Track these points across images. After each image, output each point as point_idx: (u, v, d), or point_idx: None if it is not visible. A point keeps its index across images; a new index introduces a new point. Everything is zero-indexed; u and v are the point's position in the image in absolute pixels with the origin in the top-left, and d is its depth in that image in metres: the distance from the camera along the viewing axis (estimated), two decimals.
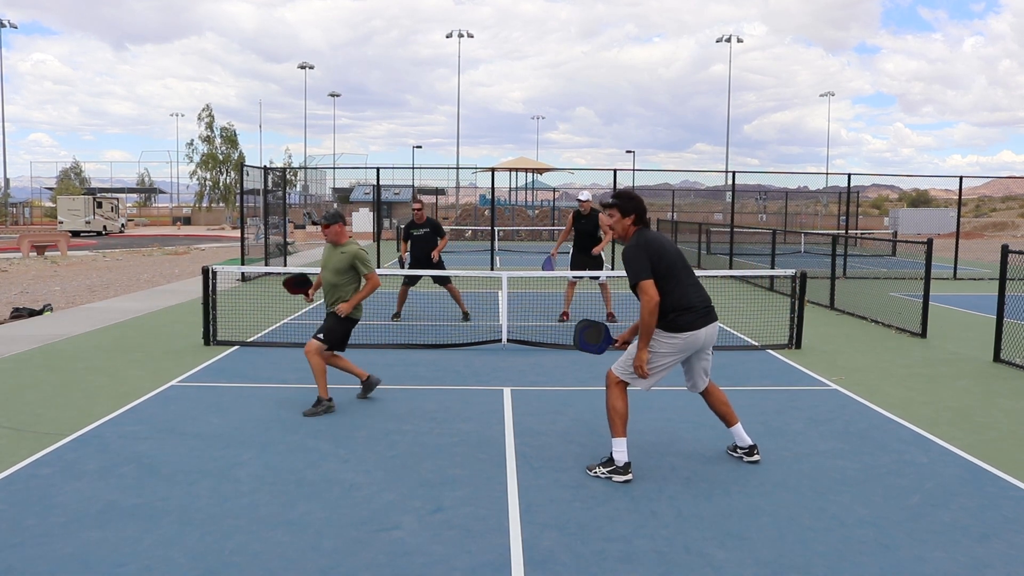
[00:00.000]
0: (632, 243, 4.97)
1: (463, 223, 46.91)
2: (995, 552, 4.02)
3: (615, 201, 5.11)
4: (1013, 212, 72.63)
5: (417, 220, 11.35)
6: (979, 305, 13.88)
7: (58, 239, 28.48)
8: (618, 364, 5.12)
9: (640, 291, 4.86)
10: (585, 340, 5.48)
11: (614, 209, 5.10)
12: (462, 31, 66.34)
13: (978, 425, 6.36)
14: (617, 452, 5.00)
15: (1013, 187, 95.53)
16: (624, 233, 5.11)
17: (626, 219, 5.10)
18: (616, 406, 5.05)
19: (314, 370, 6.58)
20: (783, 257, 22.82)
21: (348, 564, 3.83)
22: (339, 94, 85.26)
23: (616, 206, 5.11)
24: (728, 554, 3.97)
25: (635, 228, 5.12)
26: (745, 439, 5.40)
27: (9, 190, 68.48)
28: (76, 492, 4.71)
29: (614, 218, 5.09)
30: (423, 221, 11.34)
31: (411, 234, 11.33)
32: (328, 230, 6.77)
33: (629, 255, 4.94)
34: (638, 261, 4.90)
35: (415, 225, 11.35)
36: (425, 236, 11.26)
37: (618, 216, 5.10)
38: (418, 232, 11.29)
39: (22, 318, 11.72)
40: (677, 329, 5.00)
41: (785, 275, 10.66)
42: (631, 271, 4.92)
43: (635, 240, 5.00)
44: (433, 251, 11.24)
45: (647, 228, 5.16)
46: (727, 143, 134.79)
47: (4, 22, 61.85)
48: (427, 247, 11.24)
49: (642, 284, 4.84)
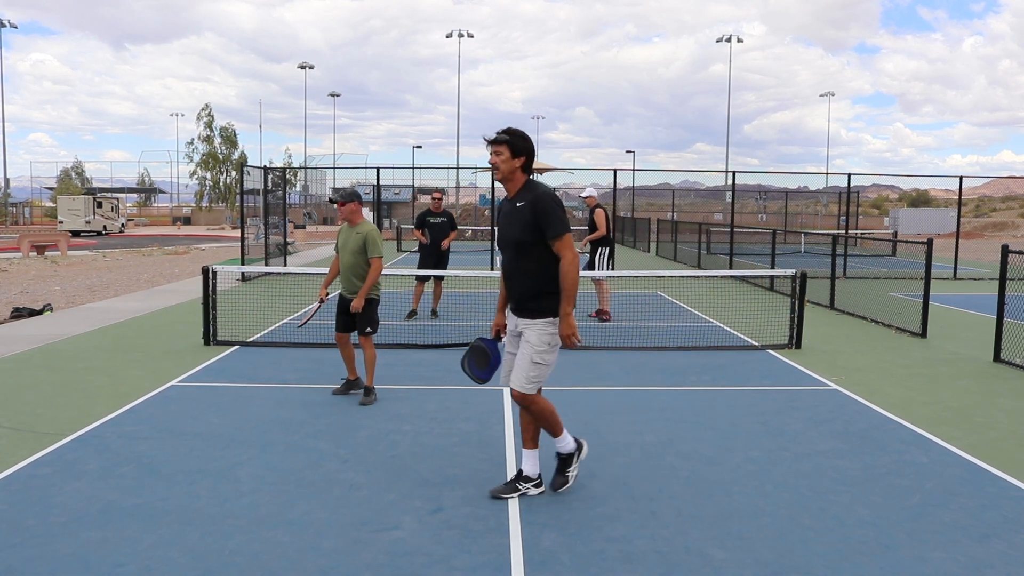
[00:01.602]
0: (544, 192, 4.42)
1: (463, 223, 46.92)
2: (995, 552, 4.02)
3: (506, 137, 4.41)
4: (1013, 212, 72.62)
5: (434, 209, 11.84)
6: (979, 305, 13.88)
7: (58, 239, 28.48)
8: (519, 378, 4.46)
9: (564, 246, 4.32)
10: (476, 366, 4.87)
11: (503, 146, 4.40)
12: (462, 31, 66.39)
13: (978, 425, 6.36)
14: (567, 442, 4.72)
15: (1013, 187, 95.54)
16: (509, 175, 4.45)
17: (515, 160, 4.44)
18: (544, 409, 4.58)
19: (368, 361, 6.84)
20: (783, 257, 22.82)
21: (348, 564, 3.83)
22: (339, 94, 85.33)
23: (507, 143, 4.41)
24: (728, 554, 3.97)
25: (524, 176, 4.50)
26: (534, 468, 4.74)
27: (9, 190, 68.46)
28: (76, 492, 4.71)
29: (502, 156, 4.39)
30: (440, 211, 11.84)
31: (428, 222, 11.79)
32: (344, 208, 6.83)
33: (550, 204, 4.35)
34: (562, 210, 4.39)
35: (432, 214, 11.83)
36: (441, 225, 11.78)
37: (507, 155, 4.41)
38: (435, 220, 11.79)
39: (22, 318, 11.72)
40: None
41: (785, 275, 10.66)
42: (558, 221, 4.34)
43: (542, 189, 4.46)
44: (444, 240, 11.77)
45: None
46: (727, 143, 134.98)
47: (4, 22, 61.86)
48: (441, 235, 11.78)
49: (567, 238, 4.34)
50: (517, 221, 4.41)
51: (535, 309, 4.44)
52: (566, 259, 4.32)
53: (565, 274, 4.31)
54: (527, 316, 4.47)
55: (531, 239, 4.37)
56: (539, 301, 4.43)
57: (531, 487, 4.69)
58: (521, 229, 4.38)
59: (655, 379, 7.97)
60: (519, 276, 4.48)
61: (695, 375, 8.12)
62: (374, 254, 6.69)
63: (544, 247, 4.37)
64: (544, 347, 4.42)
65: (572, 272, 4.31)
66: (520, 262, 4.46)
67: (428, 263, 11.63)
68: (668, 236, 27.81)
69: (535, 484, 4.70)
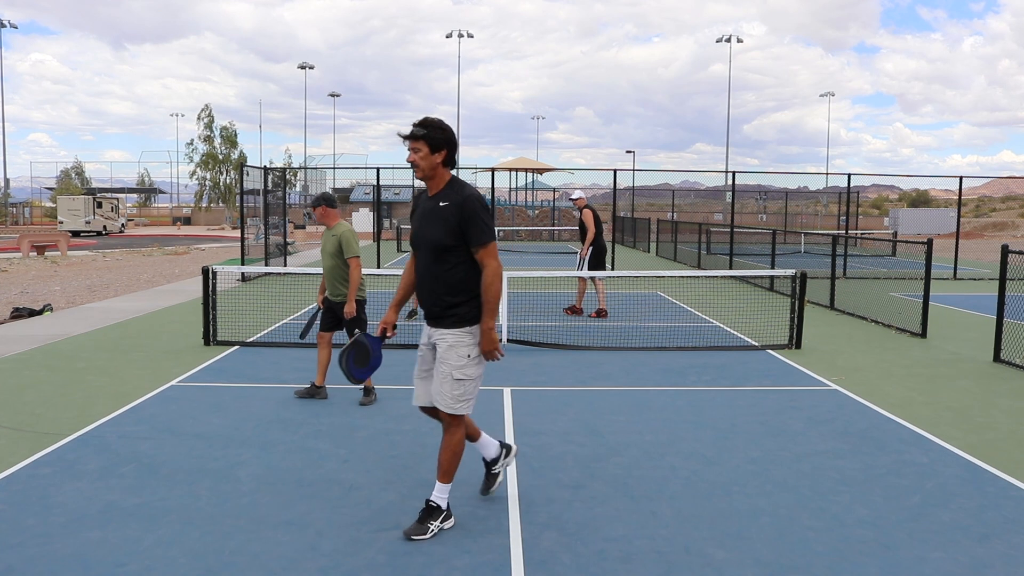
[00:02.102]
0: (472, 195, 4.03)
1: None
2: (995, 552, 4.02)
3: (423, 131, 4.00)
4: (1013, 212, 72.63)
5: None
6: (979, 305, 13.88)
7: (58, 239, 28.48)
8: (445, 398, 4.08)
9: (488, 255, 3.99)
10: (354, 365, 4.61)
11: (420, 141, 4.00)
12: (461, 31, 66.33)
13: (978, 425, 6.36)
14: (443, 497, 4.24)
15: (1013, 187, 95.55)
16: (431, 172, 4.06)
17: (436, 155, 4.03)
18: (460, 442, 4.20)
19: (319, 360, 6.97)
20: (783, 257, 22.82)
21: (348, 564, 3.83)
22: (339, 94, 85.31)
23: (424, 138, 4.00)
24: (728, 554, 3.97)
25: (447, 172, 4.12)
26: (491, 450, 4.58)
27: (9, 190, 68.45)
28: (76, 492, 4.71)
29: (420, 152, 4.00)
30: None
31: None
32: (315, 212, 6.91)
33: (478, 208, 3.99)
34: (489, 216, 4.04)
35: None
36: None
37: (425, 151, 4.01)
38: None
39: (22, 318, 11.72)
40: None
41: (785, 275, 10.66)
42: (485, 228, 4.00)
43: (470, 191, 4.06)
44: None
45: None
46: (727, 143, 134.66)
47: (4, 22, 61.81)
48: None
49: (492, 246, 4.01)
50: (438, 222, 4.01)
51: (451, 318, 4.05)
52: (490, 269, 3.98)
53: (488, 285, 3.97)
54: (443, 326, 4.08)
55: (452, 243, 3.99)
56: (456, 309, 4.04)
57: (501, 467, 4.62)
58: (442, 231, 4.00)
59: (655, 379, 7.97)
60: (435, 282, 4.07)
61: (695, 375, 8.12)
62: (349, 254, 6.71)
63: (465, 251, 4.01)
64: (463, 361, 4.04)
65: (495, 283, 3.98)
66: (437, 266, 4.05)
67: None
68: (668, 236, 27.80)
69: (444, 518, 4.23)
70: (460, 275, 4.04)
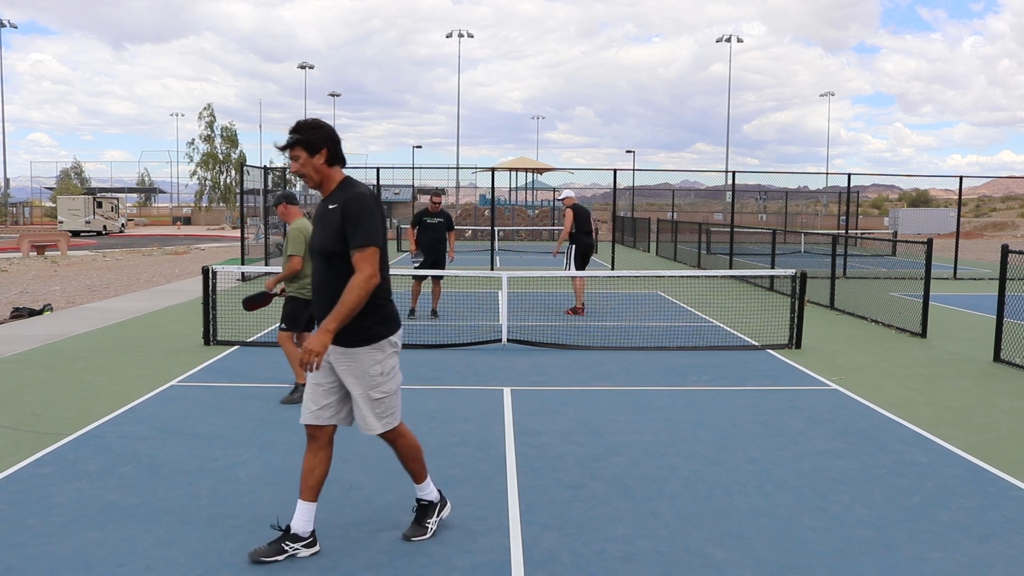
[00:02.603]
0: (359, 193, 3.69)
1: (463, 223, 46.92)
2: (995, 552, 4.02)
3: (296, 136, 3.68)
4: (1013, 212, 72.63)
5: (432, 209, 11.97)
6: (979, 305, 13.88)
7: (58, 239, 28.48)
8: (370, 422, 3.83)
9: (364, 260, 3.60)
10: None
11: (297, 148, 3.68)
12: (462, 31, 66.34)
13: (978, 425, 6.36)
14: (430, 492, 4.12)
15: (1013, 187, 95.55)
16: (319, 177, 3.74)
17: (316, 157, 3.71)
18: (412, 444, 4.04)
19: (288, 357, 6.91)
20: (783, 257, 22.82)
21: (348, 564, 3.83)
22: (339, 94, 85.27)
23: (299, 142, 3.68)
24: (728, 554, 3.97)
25: (337, 172, 3.79)
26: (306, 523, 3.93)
27: (9, 190, 68.45)
28: (76, 492, 4.71)
29: (300, 159, 3.68)
30: (437, 211, 11.95)
31: (425, 222, 11.90)
32: (277, 210, 7.05)
33: (361, 207, 3.64)
34: (375, 218, 3.66)
35: (429, 214, 11.96)
36: (437, 225, 11.90)
37: (304, 156, 3.68)
38: (432, 220, 11.90)
39: (22, 318, 11.72)
40: (397, 325, 3.88)
41: (785, 275, 10.67)
42: (365, 229, 3.61)
43: (359, 190, 3.72)
44: (445, 242, 11.95)
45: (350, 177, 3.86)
46: (727, 143, 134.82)
47: (4, 22, 61.81)
48: (438, 235, 11.89)
49: (371, 252, 3.61)
50: (328, 226, 3.69)
51: (351, 334, 3.69)
52: (360, 274, 3.57)
53: (351, 288, 3.55)
54: (343, 343, 3.71)
55: (340, 248, 3.64)
56: (356, 324, 3.67)
57: (301, 547, 3.86)
58: (331, 236, 3.66)
59: (655, 379, 7.97)
60: (328, 292, 3.70)
61: (695, 375, 8.12)
62: (288, 252, 6.78)
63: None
64: (377, 379, 3.75)
65: (359, 291, 3.56)
66: (329, 275, 3.70)
67: (425, 263, 11.71)
68: (668, 236, 27.80)
69: (306, 544, 3.88)
70: None
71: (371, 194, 3.71)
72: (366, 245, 3.60)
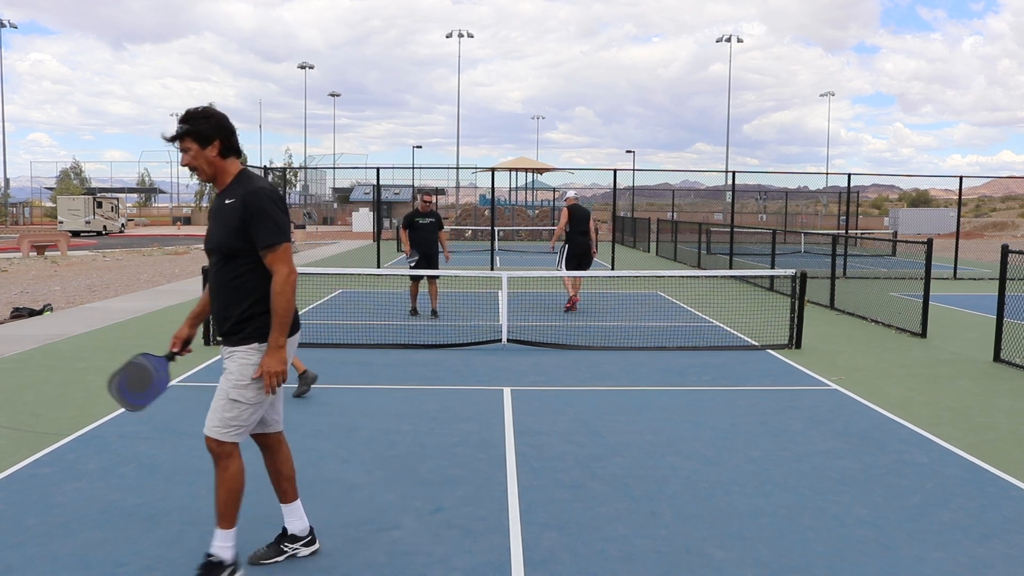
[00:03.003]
0: (259, 188, 3.47)
1: (463, 223, 46.92)
2: (995, 552, 4.02)
3: (185, 126, 3.44)
4: (1013, 212, 72.63)
5: (423, 210, 12.10)
6: (979, 305, 13.88)
7: (58, 239, 28.47)
8: (212, 419, 3.58)
9: (278, 259, 3.43)
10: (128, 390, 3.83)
11: (187, 139, 3.44)
12: (462, 31, 66.35)
13: (978, 425, 6.36)
14: (226, 547, 3.60)
15: (1013, 187, 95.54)
16: (212, 170, 3.51)
17: (209, 148, 3.47)
18: (234, 475, 3.59)
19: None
20: (783, 257, 22.82)
21: (348, 564, 3.83)
22: (339, 94, 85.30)
23: (189, 133, 3.44)
24: (728, 554, 3.97)
25: (232, 164, 3.55)
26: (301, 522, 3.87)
27: (9, 190, 68.46)
28: (76, 492, 4.71)
29: (191, 151, 3.45)
30: (427, 212, 12.10)
31: (416, 223, 12.00)
32: None
33: (264, 203, 3.42)
34: (279, 213, 3.47)
35: (420, 214, 12.07)
36: (429, 225, 12.04)
37: (195, 147, 3.45)
38: (423, 221, 12.03)
39: (22, 318, 11.72)
40: (292, 329, 3.61)
41: (785, 275, 10.67)
42: (273, 226, 3.42)
43: (258, 184, 3.50)
44: (437, 241, 12.08)
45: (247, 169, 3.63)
46: (727, 143, 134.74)
47: (4, 22, 61.81)
48: (431, 235, 12.05)
49: (283, 249, 3.44)
50: (224, 221, 3.47)
51: (241, 333, 3.53)
52: (279, 276, 3.42)
53: (276, 294, 3.42)
54: (232, 343, 3.57)
55: (239, 245, 3.45)
56: (246, 324, 3.51)
57: (300, 546, 3.84)
58: (228, 232, 3.46)
59: (655, 379, 7.97)
60: (222, 291, 3.54)
61: (695, 375, 8.13)
62: None
63: (255, 255, 3.46)
64: (246, 380, 3.52)
65: (286, 292, 3.42)
66: (224, 274, 3.51)
67: (420, 264, 11.83)
68: (668, 236, 27.81)
69: (305, 542, 3.86)
70: (248, 284, 3.49)
71: (271, 188, 3.53)
72: (276, 243, 3.42)
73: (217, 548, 3.57)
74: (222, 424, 3.53)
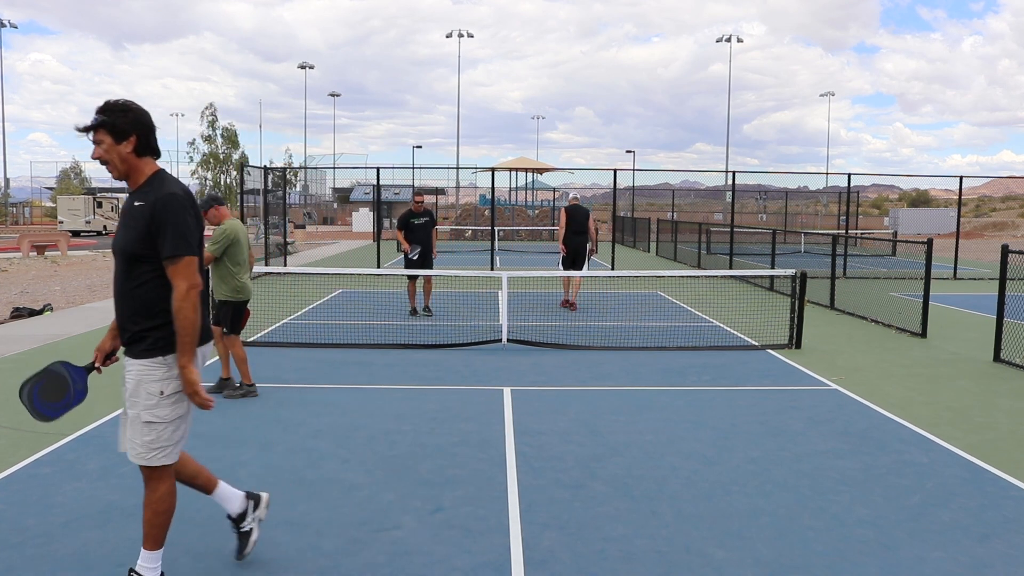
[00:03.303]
0: (169, 193, 3.24)
1: (463, 223, 46.91)
2: (995, 552, 4.02)
3: (101, 118, 3.22)
4: (1013, 212, 72.63)
5: (416, 210, 12.25)
6: (979, 305, 13.88)
7: (58, 239, 28.47)
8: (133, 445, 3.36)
9: (179, 273, 3.20)
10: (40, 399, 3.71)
11: (101, 131, 3.22)
12: (462, 31, 66.33)
13: (978, 425, 6.36)
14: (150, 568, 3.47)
15: (1013, 187, 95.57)
16: (124, 167, 3.27)
17: (123, 144, 3.24)
18: (165, 507, 3.45)
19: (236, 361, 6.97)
20: (783, 257, 22.82)
21: (348, 564, 3.83)
22: (339, 94, 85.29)
23: (104, 126, 3.22)
24: (728, 554, 3.97)
25: (147, 164, 3.32)
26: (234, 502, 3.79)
27: (9, 190, 68.46)
28: (76, 492, 4.71)
29: (104, 144, 3.23)
30: (421, 211, 12.27)
31: (412, 223, 12.15)
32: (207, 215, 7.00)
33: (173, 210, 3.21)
34: (187, 222, 3.25)
35: (415, 215, 12.23)
36: (424, 224, 12.22)
37: (109, 141, 3.23)
38: (418, 221, 12.20)
39: (22, 318, 11.72)
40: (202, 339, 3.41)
41: (785, 275, 10.67)
42: (178, 235, 3.20)
43: (170, 188, 3.27)
44: (431, 241, 12.26)
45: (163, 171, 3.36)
46: (727, 143, 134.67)
47: (4, 22, 61.78)
48: (426, 234, 12.22)
49: (186, 262, 3.21)
50: (132, 224, 3.25)
51: (141, 344, 3.30)
52: (178, 291, 3.19)
53: (175, 311, 3.20)
54: (132, 354, 3.35)
55: (143, 252, 3.22)
56: (147, 335, 3.28)
57: (251, 516, 3.81)
58: (133, 237, 3.23)
59: (655, 379, 7.97)
60: (125, 298, 3.31)
61: (695, 375, 8.13)
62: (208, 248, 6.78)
63: (161, 264, 3.23)
64: (154, 399, 3.30)
65: (184, 309, 3.19)
66: (127, 281, 3.28)
67: (415, 263, 11.95)
68: (668, 236, 27.81)
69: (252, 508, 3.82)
70: (152, 293, 3.26)
71: (184, 194, 3.29)
72: (179, 255, 3.19)
73: (141, 568, 3.46)
74: (144, 449, 3.33)
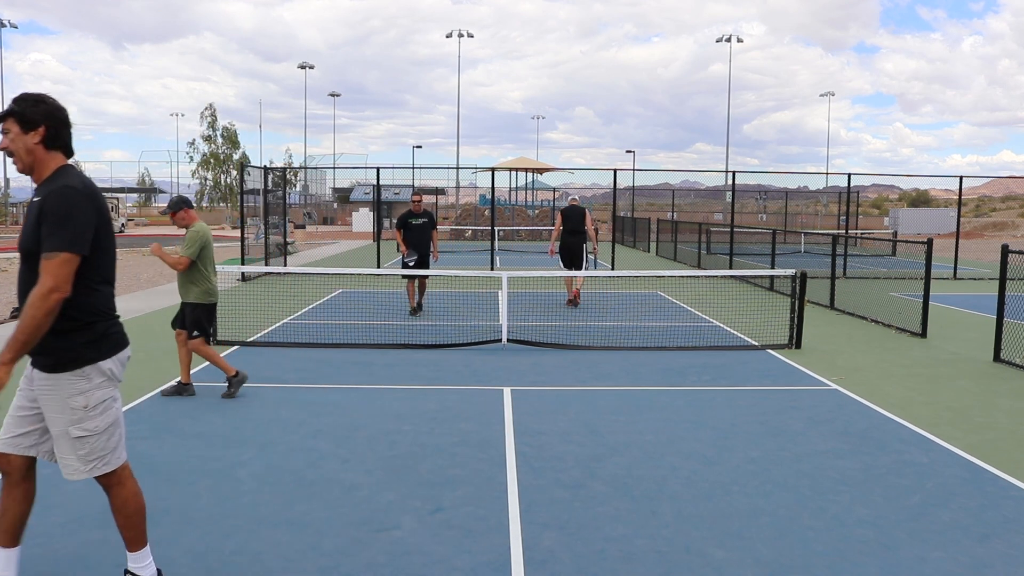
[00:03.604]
0: (63, 186, 3.02)
1: (463, 223, 46.91)
2: (995, 552, 4.02)
3: (12, 107, 3.08)
4: (1013, 212, 72.64)
5: (415, 211, 12.27)
6: (979, 305, 13.88)
7: None
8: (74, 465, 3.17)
9: (48, 269, 2.94)
10: None
11: (9, 120, 3.07)
12: (462, 31, 66.30)
13: (978, 425, 6.36)
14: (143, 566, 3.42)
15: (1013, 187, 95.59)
16: (29, 159, 3.09)
17: (30, 135, 3.07)
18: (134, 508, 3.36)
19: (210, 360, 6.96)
20: (783, 257, 22.83)
21: (348, 564, 3.83)
22: (339, 94, 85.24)
23: (12, 115, 3.07)
24: (728, 554, 3.97)
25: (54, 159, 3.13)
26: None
27: (9, 190, 68.47)
28: (76, 492, 4.70)
29: (10, 134, 3.07)
30: (420, 212, 12.29)
31: (410, 223, 12.18)
32: (175, 217, 7.20)
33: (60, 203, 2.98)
34: (76, 219, 2.99)
35: (414, 215, 12.26)
36: (423, 225, 12.25)
37: (16, 130, 3.06)
38: (417, 221, 12.23)
39: None
40: (114, 348, 3.21)
41: (785, 275, 10.67)
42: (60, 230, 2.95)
43: (65, 182, 3.05)
44: (430, 241, 12.30)
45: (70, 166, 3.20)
46: (727, 143, 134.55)
47: (4, 22, 61.80)
48: (424, 235, 12.25)
49: (59, 260, 2.94)
50: (30, 220, 3.06)
51: (51, 354, 3.09)
52: (40, 288, 2.92)
53: (27, 306, 2.94)
54: (40, 366, 3.14)
55: (39, 249, 3.00)
56: (59, 342, 3.07)
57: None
58: (30, 233, 3.03)
59: (655, 379, 7.97)
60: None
61: (695, 375, 8.13)
62: (183, 251, 6.94)
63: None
64: (79, 412, 3.10)
65: (35, 310, 2.91)
66: (31, 280, 3.03)
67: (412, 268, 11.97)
68: (668, 236, 27.80)
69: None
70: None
71: (81, 188, 3.04)
72: (55, 250, 2.93)
73: (134, 569, 3.42)
74: (83, 463, 3.15)
